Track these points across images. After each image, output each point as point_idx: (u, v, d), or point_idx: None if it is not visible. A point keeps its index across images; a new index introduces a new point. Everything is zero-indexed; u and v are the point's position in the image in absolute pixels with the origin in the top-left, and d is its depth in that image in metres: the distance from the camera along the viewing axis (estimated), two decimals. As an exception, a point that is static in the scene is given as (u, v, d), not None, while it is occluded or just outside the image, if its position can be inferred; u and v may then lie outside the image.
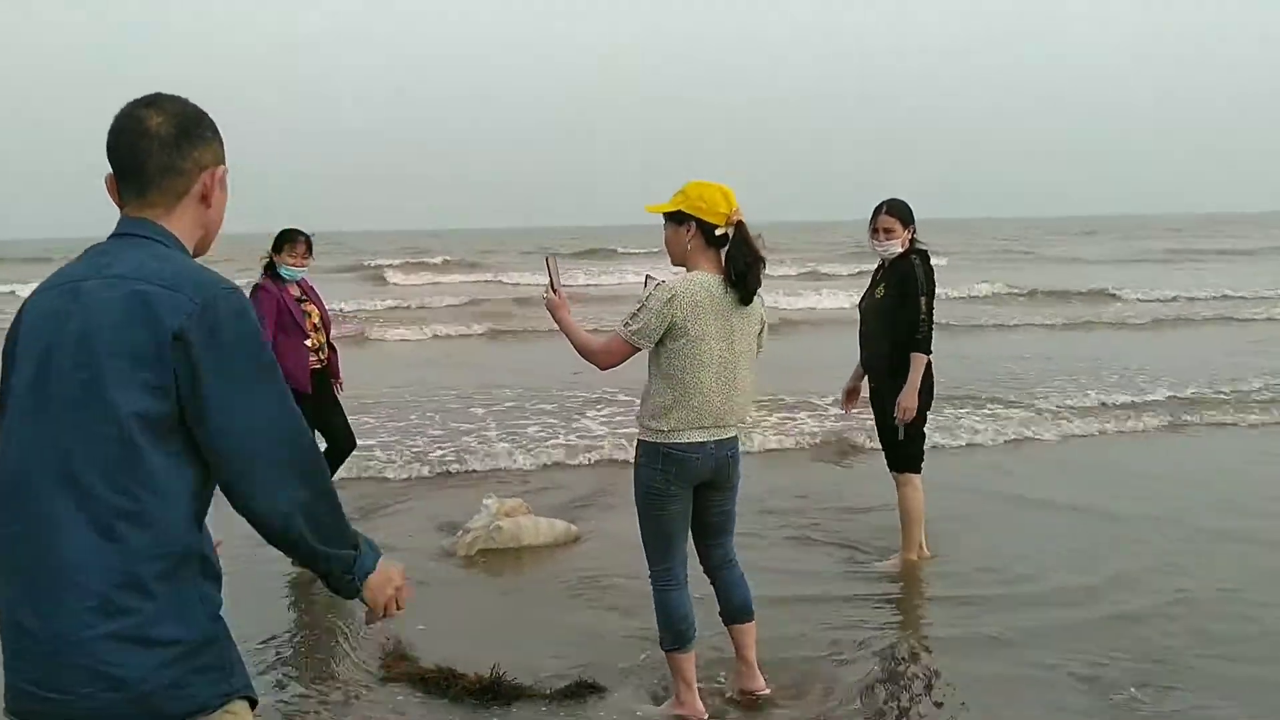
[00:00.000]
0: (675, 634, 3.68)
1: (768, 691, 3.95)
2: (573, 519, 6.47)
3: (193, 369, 1.68)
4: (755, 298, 3.54)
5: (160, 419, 1.69)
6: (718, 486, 3.66)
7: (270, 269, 6.02)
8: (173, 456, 1.71)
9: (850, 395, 5.51)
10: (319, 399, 6.07)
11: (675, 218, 3.55)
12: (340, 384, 6.36)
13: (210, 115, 1.91)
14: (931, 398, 5.18)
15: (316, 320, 6.17)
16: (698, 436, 3.51)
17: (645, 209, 3.66)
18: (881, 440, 5.32)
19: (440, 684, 4.20)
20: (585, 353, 3.63)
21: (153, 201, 1.83)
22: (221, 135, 1.92)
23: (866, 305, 5.21)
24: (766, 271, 3.58)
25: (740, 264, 3.46)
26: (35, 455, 1.72)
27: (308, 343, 6.01)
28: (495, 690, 4.15)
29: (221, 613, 1.83)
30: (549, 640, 4.76)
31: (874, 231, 5.09)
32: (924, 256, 5.08)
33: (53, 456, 1.70)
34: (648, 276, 3.70)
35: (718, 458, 3.56)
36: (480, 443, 8.71)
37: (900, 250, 5.05)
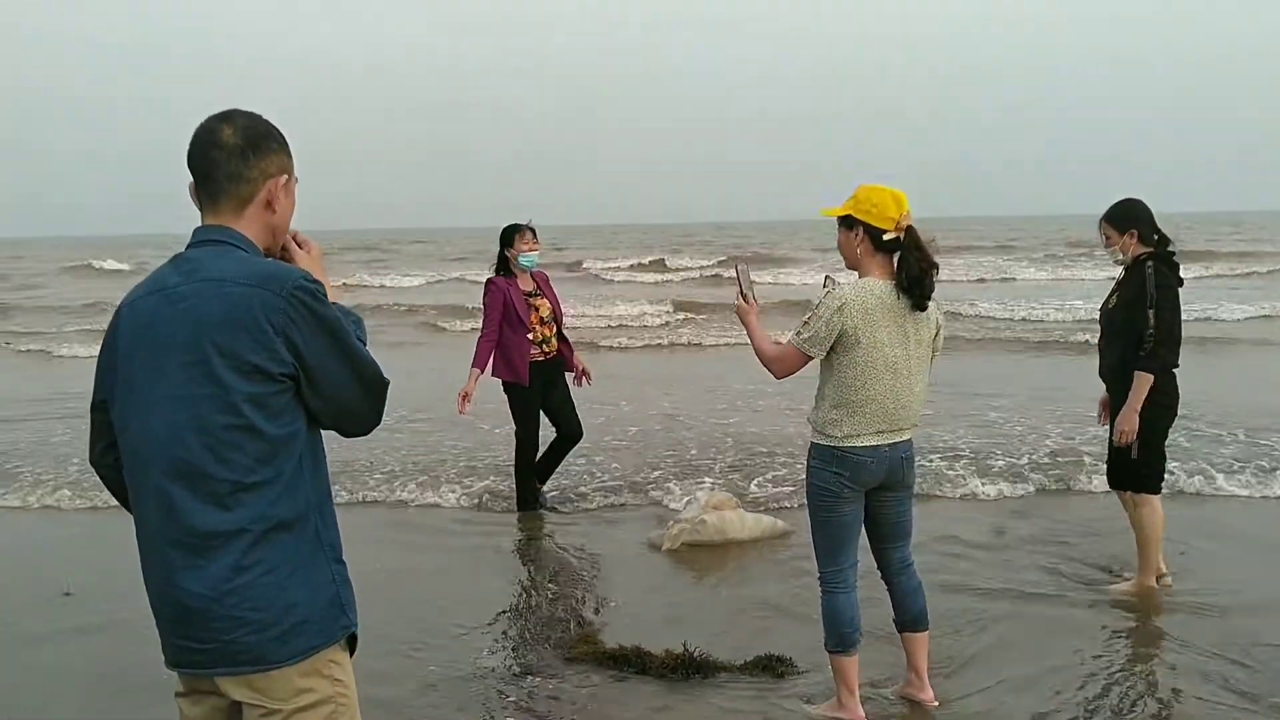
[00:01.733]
0: (839, 637, 3.63)
1: (936, 704, 3.79)
2: (781, 513, 6.35)
3: (295, 350, 1.93)
4: (930, 302, 3.48)
5: (269, 398, 1.93)
6: (891, 487, 3.60)
7: (501, 264, 6.44)
8: (283, 428, 1.96)
9: (1105, 405, 5.04)
10: (546, 388, 6.47)
11: (845, 222, 3.52)
12: (588, 377, 6.63)
13: (279, 130, 2.11)
14: (1174, 415, 4.75)
15: (545, 314, 6.45)
16: (872, 440, 3.48)
17: (819, 213, 3.65)
18: (1110, 456, 4.91)
19: (629, 661, 4.21)
20: (764, 361, 3.64)
21: (223, 207, 2.04)
22: (289, 148, 2.11)
23: (1102, 314, 4.88)
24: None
25: (914, 269, 3.40)
26: (153, 451, 1.95)
27: (530, 336, 6.32)
28: (687, 665, 4.12)
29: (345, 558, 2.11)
30: (741, 626, 4.69)
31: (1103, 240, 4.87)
32: (1164, 262, 4.63)
33: (168, 449, 1.94)
34: (827, 277, 3.69)
35: (891, 460, 3.52)
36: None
37: (1124, 257, 4.73)
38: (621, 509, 6.89)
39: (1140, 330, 4.54)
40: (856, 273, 3.55)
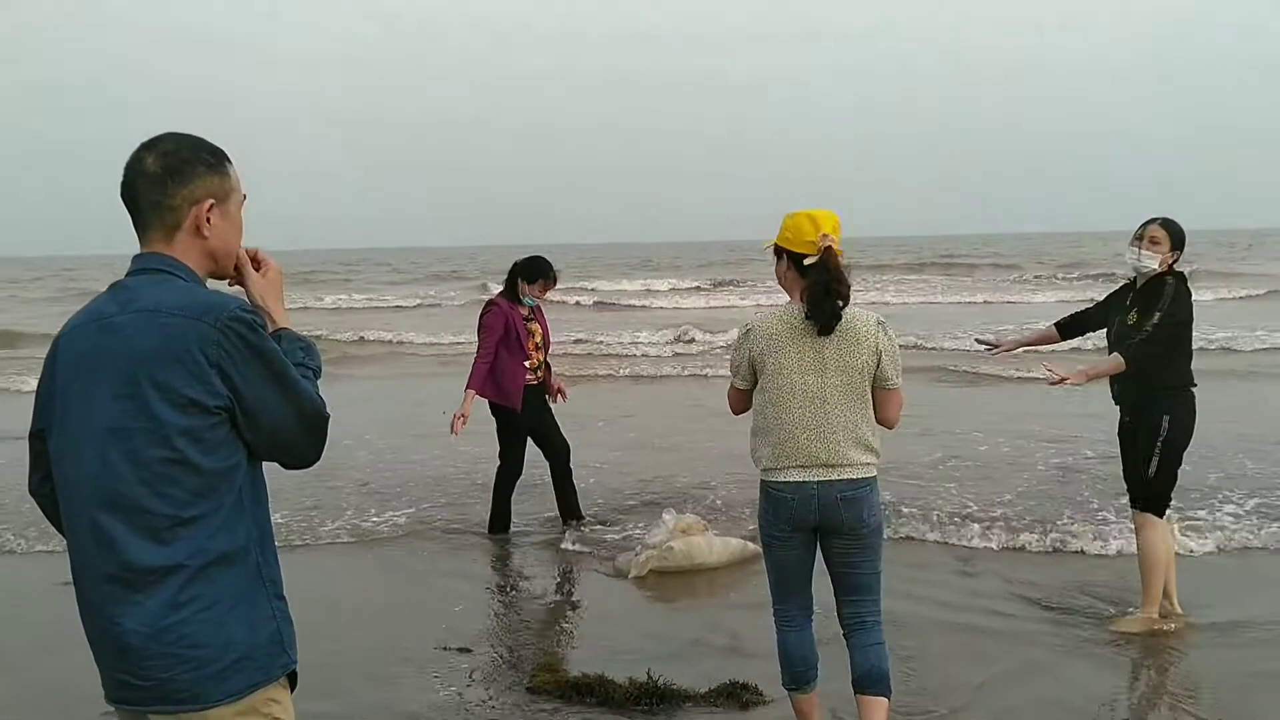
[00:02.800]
0: (791, 675, 3.53)
1: None
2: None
3: (229, 383, 1.89)
4: (866, 325, 3.29)
5: (205, 431, 1.89)
6: (836, 533, 3.33)
7: (511, 290, 6.45)
8: (220, 461, 1.92)
9: (1006, 347, 5.16)
10: (535, 413, 6.50)
11: (776, 253, 3.45)
12: (563, 395, 6.72)
13: (214, 150, 2.03)
14: (1189, 438, 4.64)
15: (539, 339, 6.51)
16: (795, 475, 3.30)
17: (761, 246, 3.56)
18: (1127, 477, 4.85)
19: (592, 690, 4.15)
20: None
21: (153, 235, 2.00)
22: (225, 169, 2.03)
23: (1117, 333, 4.69)
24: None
25: (815, 292, 3.24)
26: (88, 483, 1.91)
27: (526, 363, 6.36)
28: (651, 694, 4.07)
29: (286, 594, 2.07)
30: (707, 654, 4.64)
31: (1137, 239, 4.63)
32: (1181, 279, 4.60)
33: (103, 482, 1.89)
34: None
35: (823, 499, 3.27)
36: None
37: (1156, 269, 4.58)
38: (600, 530, 6.77)
39: (1184, 348, 4.54)
40: None
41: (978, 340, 5.47)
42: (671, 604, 5.49)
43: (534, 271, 6.42)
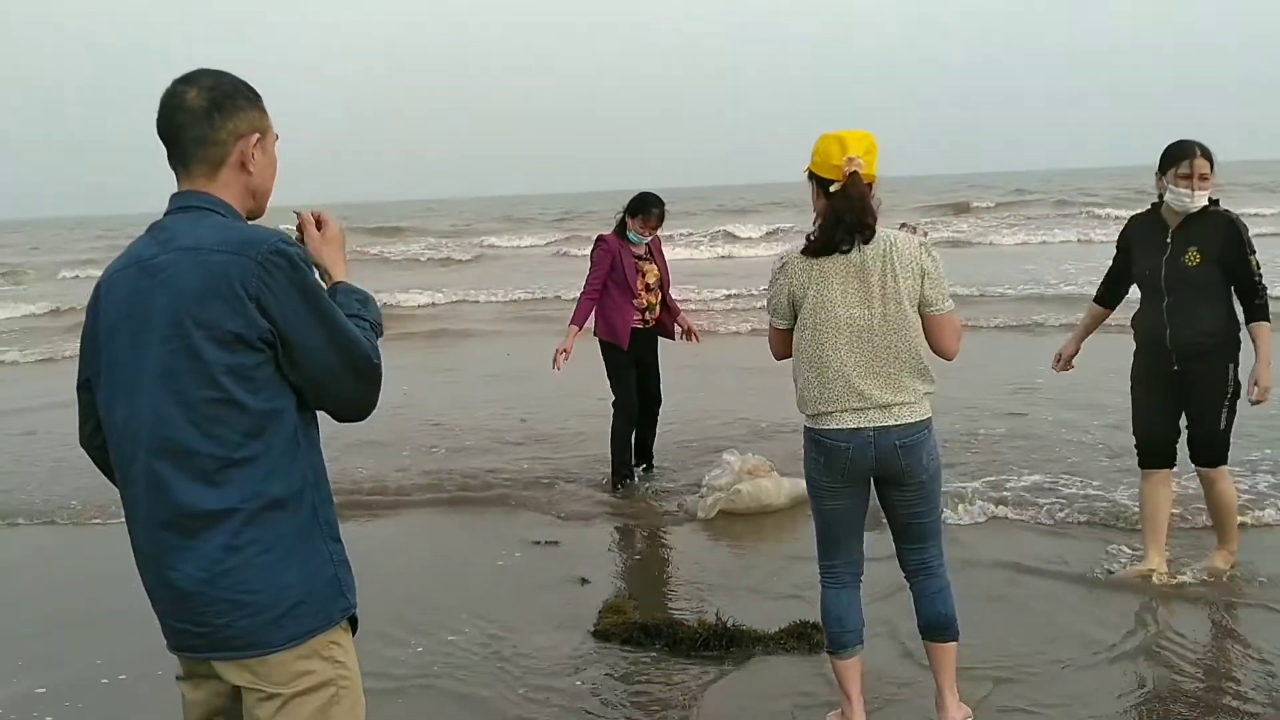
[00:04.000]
0: (830, 637, 3.31)
1: None
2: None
3: (268, 315, 1.84)
4: (909, 247, 3.06)
5: (251, 370, 1.85)
6: (895, 482, 3.14)
7: (620, 227, 6.33)
8: (267, 401, 1.88)
9: (1068, 356, 4.80)
10: (641, 355, 6.35)
11: (809, 178, 3.20)
12: (694, 335, 6.60)
13: (250, 86, 2.00)
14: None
15: (653, 280, 6.34)
16: (850, 422, 3.06)
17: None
18: (1155, 432, 4.46)
19: (660, 633, 4.12)
20: None
21: (195, 172, 1.96)
22: (262, 104, 2.01)
23: (1172, 274, 4.23)
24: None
25: (827, 218, 3.04)
26: (140, 430, 1.88)
27: (635, 302, 6.23)
28: (720, 636, 4.03)
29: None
30: (773, 596, 4.60)
31: (1183, 179, 4.15)
32: (1229, 213, 4.28)
33: (155, 428, 1.87)
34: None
35: (880, 447, 3.06)
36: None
37: (1201, 202, 4.18)
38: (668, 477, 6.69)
39: (1247, 282, 4.18)
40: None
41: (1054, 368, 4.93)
42: (739, 546, 5.42)
43: (637, 206, 6.29)
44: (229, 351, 1.84)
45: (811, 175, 3.18)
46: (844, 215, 3.02)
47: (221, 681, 1.97)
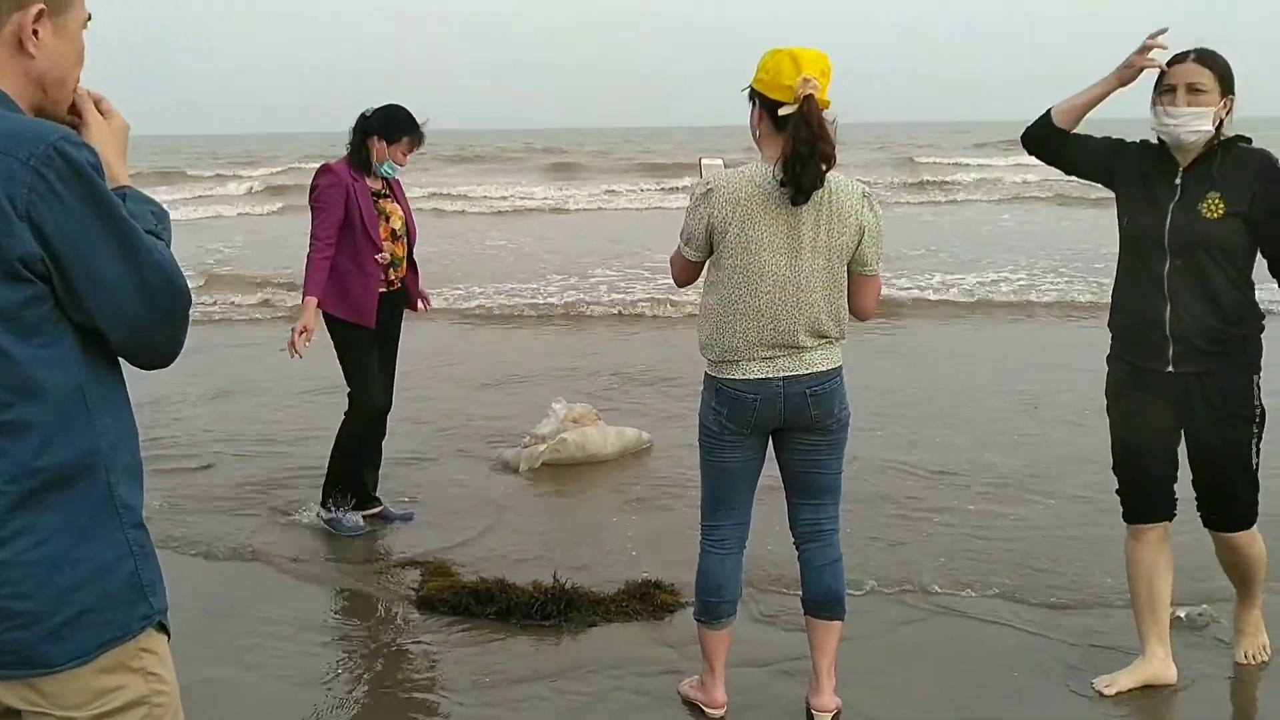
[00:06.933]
0: (702, 605, 3.04)
1: (828, 715, 3.05)
2: (649, 426, 6.04)
3: (41, 235, 1.43)
4: (850, 198, 2.78)
5: (18, 309, 1.44)
6: (802, 427, 2.89)
7: (357, 154, 4.43)
8: (41, 348, 1.47)
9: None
10: (385, 334, 4.57)
11: (750, 97, 2.83)
12: (425, 302, 4.85)
13: None
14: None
15: (398, 225, 4.54)
16: (757, 371, 2.82)
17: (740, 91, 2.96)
18: (1206, 476, 3.11)
19: (492, 596, 3.81)
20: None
21: None
22: None
23: (1180, 229, 2.96)
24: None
25: (791, 149, 2.66)
26: None
27: (379, 258, 4.42)
28: (558, 598, 3.75)
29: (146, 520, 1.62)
30: (610, 553, 4.37)
31: (1167, 91, 2.96)
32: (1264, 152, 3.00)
33: None
34: (700, 159, 3.06)
35: (788, 397, 2.83)
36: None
37: (1209, 129, 2.92)
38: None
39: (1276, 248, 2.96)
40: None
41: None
42: (567, 499, 5.17)
43: (399, 125, 4.42)
44: None
45: (754, 94, 2.81)
46: (816, 145, 2.66)
47: None
